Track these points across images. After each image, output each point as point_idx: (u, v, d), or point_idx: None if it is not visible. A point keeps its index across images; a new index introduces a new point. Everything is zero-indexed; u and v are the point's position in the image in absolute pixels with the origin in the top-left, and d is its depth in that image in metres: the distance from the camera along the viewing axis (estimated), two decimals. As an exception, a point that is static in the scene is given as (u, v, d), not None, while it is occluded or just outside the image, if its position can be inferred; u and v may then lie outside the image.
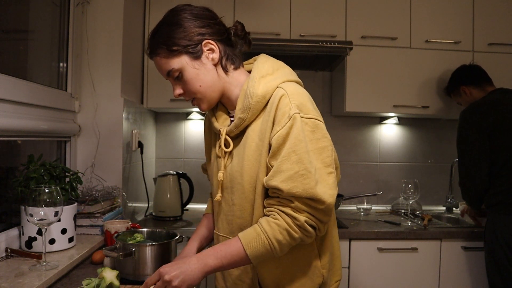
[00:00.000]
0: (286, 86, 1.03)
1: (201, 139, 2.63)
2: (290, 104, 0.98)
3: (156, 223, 2.16)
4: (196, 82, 1.07)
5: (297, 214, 0.97)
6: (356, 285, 2.03)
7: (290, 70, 1.12)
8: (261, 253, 0.99)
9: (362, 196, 2.44)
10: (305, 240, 1.00)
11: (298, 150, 0.96)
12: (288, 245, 1.00)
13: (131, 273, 1.21)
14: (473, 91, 2.09)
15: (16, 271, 1.15)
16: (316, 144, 0.98)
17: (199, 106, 1.12)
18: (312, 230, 0.99)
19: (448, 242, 2.05)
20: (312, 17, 2.31)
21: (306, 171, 0.95)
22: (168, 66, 1.06)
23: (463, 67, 2.18)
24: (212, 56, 1.07)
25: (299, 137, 0.96)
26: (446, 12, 2.36)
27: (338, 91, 2.50)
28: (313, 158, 0.97)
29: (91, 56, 1.84)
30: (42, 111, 1.54)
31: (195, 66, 1.06)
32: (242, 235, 1.00)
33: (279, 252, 1.00)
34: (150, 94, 2.26)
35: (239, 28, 1.13)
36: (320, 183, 0.96)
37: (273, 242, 0.98)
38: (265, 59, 1.11)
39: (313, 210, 0.97)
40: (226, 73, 1.10)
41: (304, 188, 0.95)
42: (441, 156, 2.71)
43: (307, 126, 0.98)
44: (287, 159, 0.96)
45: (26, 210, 1.15)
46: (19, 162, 1.55)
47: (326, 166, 0.98)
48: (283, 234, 0.98)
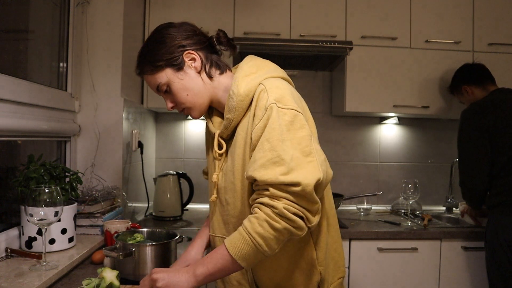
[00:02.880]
0: (267, 81, 1.04)
1: (201, 139, 2.63)
2: (268, 97, 0.98)
3: (156, 223, 2.16)
4: (183, 92, 1.11)
5: (275, 201, 0.91)
6: (356, 285, 2.03)
7: (275, 66, 1.13)
8: (246, 252, 0.93)
9: (362, 196, 2.44)
10: (294, 232, 0.93)
11: (271, 138, 0.94)
12: (274, 239, 0.92)
13: (131, 273, 1.21)
14: (475, 91, 2.08)
15: (16, 271, 1.15)
16: (294, 133, 0.95)
17: (190, 114, 1.17)
18: (297, 219, 0.92)
19: (448, 242, 2.05)
20: (312, 17, 2.31)
21: (279, 158, 0.92)
22: (155, 81, 1.12)
23: (465, 66, 2.17)
24: (195, 64, 1.11)
25: (273, 125, 0.95)
26: (446, 12, 2.36)
27: (338, 91, 2.50)
28: (289, 147, 0.93)
29: (91, 56, 1.84)
30: (42, 111, 1.54)
31: (179, 77, 1.10)
32: (227, 239, 0.97)
33: (267, 248, 0.92)
34: (150, 94, 2.26)
35: (222, 35, 1.17)
36: (296, 170, 0.91)
37: (254, 237, 0.92)
38: (249, 59, 1.14)
39: (292, 195, 0.91)
40: (211, 79, 1.13)
41: (275, 173, 0.91)
42: (441, 156, 2.71)
43: (286, 116, 0.96)
44: (261, 148, 0.95)
45: (26, 210, 1.15)
46: (19, 162, 1.55)
47: (305, 155, 0.94)
48: (263, 227, 0.92)
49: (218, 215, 1.15)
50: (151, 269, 1.20)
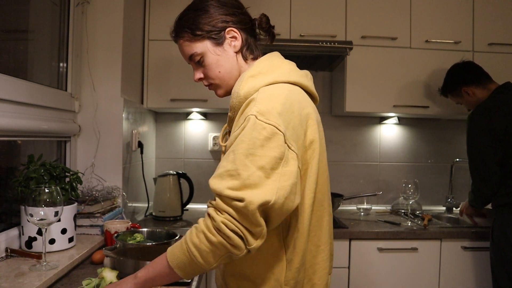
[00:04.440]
0: (266, 89, 0.98)
1: (201, 139, 2.63)
2: (253, 107, 0.92)
3: (156, 223, 2.16)
4: (216, 68, 1.08)
5: (216, 214, 0.87)
6: (356, 285, 2.03)
7: (290, 69, 1.06)
8: (182, 261, 0.89)
9: (362, 196, 2.44)
10: (231, 250, 0.86)
11: (237, 150, 0.88)
12: (210, 253, 0.87)
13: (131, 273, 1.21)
14: (475, 91, 2.02)
15: (16, 271, 1.15)
16: (266, 151, 0.87)
17: (216, 91, 1.14)
18: (235, 237, 0.85)
19: (448, 242, 2.05)
20: (312, 17, 2.31)
21: (236, 172, 0.86)
22: (190, 49, 1.09)
23: (458, 66, 2.10)
24: (234, 43, 1.09)
25: (243, 137, 0.89)
26: (446, 12, 2.36)
27: (338, 91, 2.50)
28: (253, 163, 0.86)
29: (91, 56, 1.84)
30: (42, 111, 1.54)
31: (216, 52, 1.07)
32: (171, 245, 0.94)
33: (201, 260, 0.87)
34: (150, 94, 2.26)
35: (264, 20, 1.15)
36: (249, 188, 0.85)
37: (189, 247, 0.88)
38: (267, 57, 1.09)
39: (234, 210, 0.85)
40: (246, 62, 1.11)
41: (226, 185, 0.86)
42: (441, 156, 2.71)
43: (264, 131, 0.88)
44: (226, 157, 0.90)
45: (26, 210, 1.15)
46: (19, 162, 1.55)
47: (267, 176, 0.86)
48: (199, 238, 0.87)
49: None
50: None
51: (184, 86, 2.23)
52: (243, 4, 1.15)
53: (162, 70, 2.24)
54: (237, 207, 0.85)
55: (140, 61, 2.23)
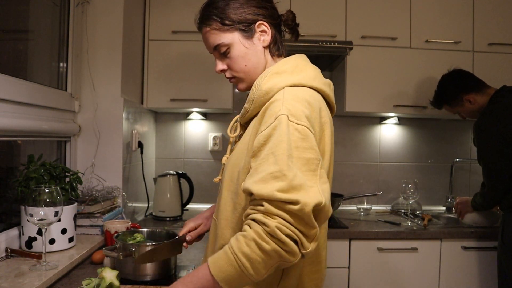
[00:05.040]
0: (291, 90, 0.95)
1: (201, 139, 2.63)
2: (281, 107, 0.90)
3: (156, 223, 2.16)
4: (243, 61, 1.05)
5: (268, 219, 0.80)
6: (356, 285, 2.03)
7: (315, 74, 1.03)
8: (230, 274, 0.81)
9: (362, 196, 2.44)
10: (285, 257, 0.80)
11: (277, 151, 0.84)
12: (262, 263, 0.80)
13: (131, 273, 1.21)
14: (476, 98, 1.99)
15: (16, 271, 1.15)
16: (302, 153, 0.85)
17: (237, 85, 1.10)
18: (290, 242, 0.79)
19: (448, 242, 2.05)
20: (312, 17, 2.31)
21: (281, 173, 0.82)
22: (217, 39, 1.04)
23: (453, 75, 2.07)
24: (264, 38, 1.06)
25: (281, 138, 0.85)
26: (446, 12, 2.36)
27: (338, 91, 2.50)
28: (295, 165, 0.84)
29: (91, 56, 1.84)
30: (42, 111, 1.54)
31: (245, 45, 1.04)
32: (211, 257, 0.86)
33: (253, 272, 0.80)
34: (150, 94, 2.26)
35: (290, 17, 1.12)
36: (297, 189, 0.81)
37: (239, 257, 0.81)
38: (294, 58, 1.06)
39: (288, 214, 0.80)
40: (272, 58, 1.08)
41: (273, 188, 0.81)
42: (441, 156, 2.71)
43: (297, 132, 0.86)
44: (266, 160, 0.85)
45: (26, 210, 1.15)
46: (19, 162, 1.55)
47: (309, 178, 0.84)
48: (250, 246, 0.80)
49: (222, 198, 1.08)
50: (151, 269, 1.20)
51: (184, 86, 2.23)
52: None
53: (162, 70, 2.24)
54: (292, 210, 0.80)
55: (140, 61, 2.23)
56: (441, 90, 2.10)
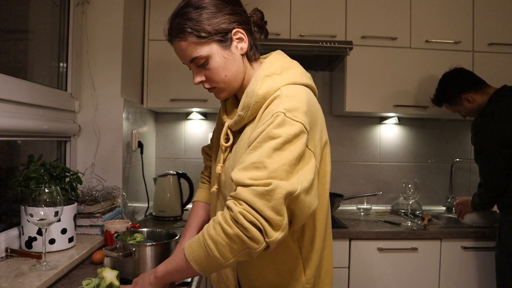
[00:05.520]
0: (287, 88, 0.96)
1: (201, 139, 2.63)
2: (279, 105, 0.91)
3: (156, 223, 2.16)
4: (223, 72, 1.01)
5: (234, 204, 0.83)
6: (356, 285, 2.03)
7: (301, 71, 1.05)
8: (198, 255, 0.86)
9: (362, 196, 2.44)
10: (248, 243, 0.81)
11: (266, 144, 0.86)
12: (227, 246, 0.83)
13: (131, 273, 1.21)
14: (475, 97, 1.99)
15: (16, 271, 1.15)
16: (294, 148, 0.86)
17: (218, 95, 1.08)
18: (252, 229, 0.80)
19: (448, 242, 2.05)
20: (312, 17, 2.31)
21: (262, 164, 0.83)
22: (194, 53, 0.99)
23: (452, 74, 2.08)
24: (241, 45, 1.02)
25: (273, 132, 0.87)
26: (446, 12, 2.36)
27: (338, 91, 2.50)
28: (281, 158, 0.84)
29: (91, 56, 1.84)
30: (42, 111, 1.54)
31: (224, 55, 1.00)
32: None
33: (217, 254, 0.83)
34: (150, 94, 2.26)
35: (260, 17, 1.08)
36: (274, 178, 0.82)
37: (206, 239, 0.84)
38: (276, 57, 1.06)
39: (256, 198, 0.81)
40: (250, 64, 1.07)
41: (249, 175, 0.83)
42: (441, 156, 2.71)
43: (294, 128, 0.87)
44: (253, 151, 0.87)
45: (26, 210, 1.15)
46: (19, 162, 1.55)
47: (292, 172, 0.85)
48: (216, 229, 0.83)
49: (219, 208, 1.11)
50: (151, 269, 1.20)
51: (184, 86, 2.23)
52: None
53: (162, 70, 2.24)
54: (262, 191, 0.81)
55: (140, 61, 2.23)
56: (441, 89, 2.11)
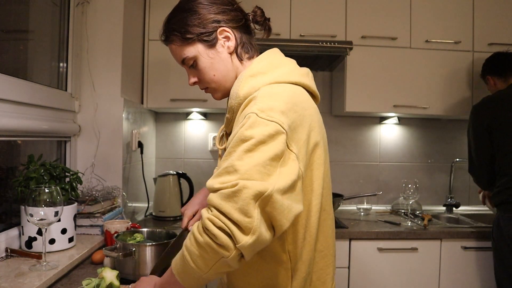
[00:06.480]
0: (267, 88, 0.93)
1: (201, 139, 2.63)
2: (253, 106, 0.87)
3: (156, 223, 2.16)
4: (210, 71, 1.03)
5: (206, 211, 0.80)
6: (356, 285, 2.03)
7: (292, 69, 1.01)
8: (179, 265, 0.85)
9: (362, 196, 2.44)
10: (218, 251, 0.77)
11: (239, 147, 0.82)
12: (200, 257, 0.80)
13: (131, 273, 1.21)
14: (497, 82, 2.07)
15: (16, 271, 1.15)
16: (268, 148, 0.81)
17: (213, 95, 1.09)
18: (222, 235, 0.76)
19: (448, 242, 2.05)
20: (312, 17, 2.31)
21: (233, 168, 0.80)
22: (182, 54, 1.04)
23: (495, 54, 2.12)
24: (228, 44, 1.03)
25: (241, 136, 0.83)
26: (446, 12, 2.36)
27: (338, 91, 2.50)
28: (253, 159, 0.80)
29: (91, 56, 1.84)
30: (42, 111, 1.54)
31: (209, 55, 1.02)
32: None
33: (193, 265, 0.81)
34: (150, 94, 2.26)
35: (259, 13, 1.08)
36: (245, 180, 0.78)
37: (183, 249, 0.83)
38: (266, 55, 1.04)
39: (224, 201, 0.77)
40: (241, 62, 1.05)
41: (220, 180, 0.80)
42: (441, 156, 2.71)
43: (268, 128, 0.82)
44: (227, 157, 0.84)
45: (26, 210, 1.15)
46: (19, 162, 1.55)
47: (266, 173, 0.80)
48: (190, 239, 0.82)
49: None
50: (151, 269, 1.20)
51: (184, 86, 2.23)
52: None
53: (162, 70, 2.24)
54: (228, 194, 0.77)
55: (140, 61, 2.23)
56: (484, 64, 2.18)
